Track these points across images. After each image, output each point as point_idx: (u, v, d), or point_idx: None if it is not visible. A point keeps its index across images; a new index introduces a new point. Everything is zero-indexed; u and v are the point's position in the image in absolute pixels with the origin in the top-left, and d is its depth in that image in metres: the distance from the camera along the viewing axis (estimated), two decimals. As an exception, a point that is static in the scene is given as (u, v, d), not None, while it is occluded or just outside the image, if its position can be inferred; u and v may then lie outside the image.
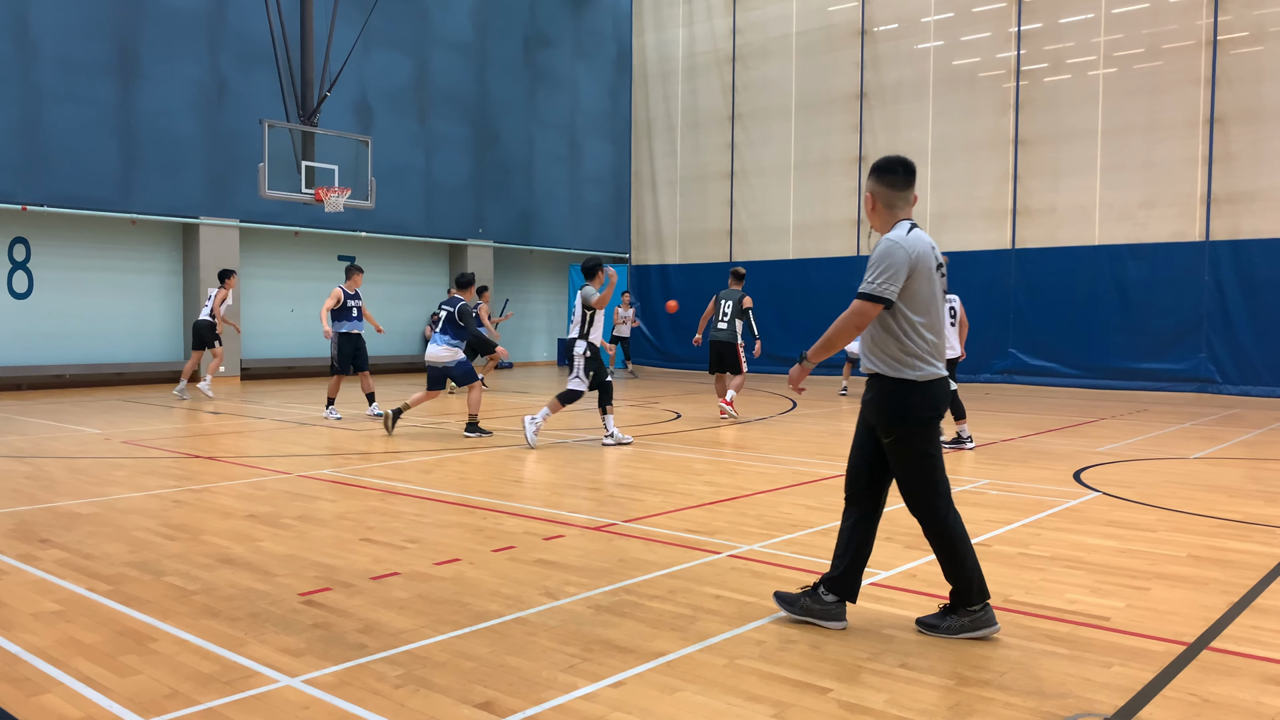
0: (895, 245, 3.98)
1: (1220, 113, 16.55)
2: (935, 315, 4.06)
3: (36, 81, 17.01)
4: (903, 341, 4.00)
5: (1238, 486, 7.76)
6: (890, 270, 3.94)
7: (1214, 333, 16.74)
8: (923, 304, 4.02)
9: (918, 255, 3.99)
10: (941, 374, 4.06)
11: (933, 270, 4.07)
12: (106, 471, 8.23)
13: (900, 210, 4.15)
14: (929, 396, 4.01)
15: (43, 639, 3.95)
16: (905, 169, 4.14)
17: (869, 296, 3.95)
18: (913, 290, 3.99)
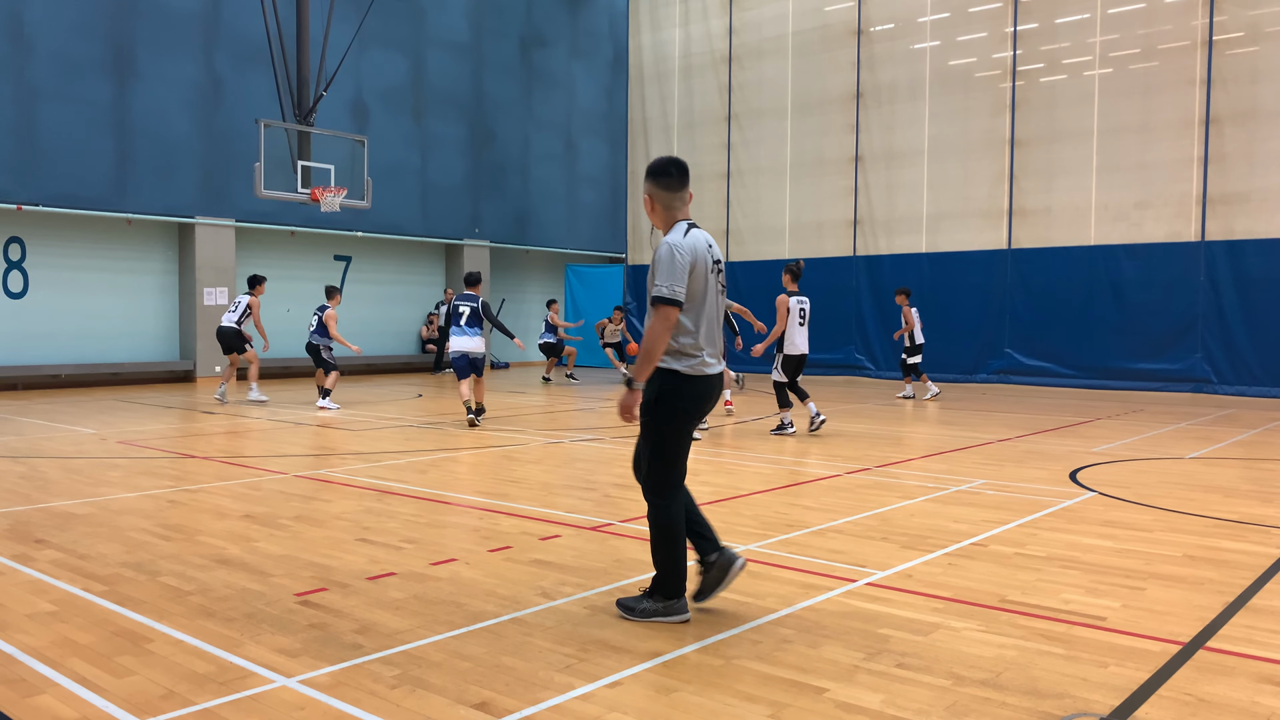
0: (674, 248, 4.13)
1: (1215, 113, 16.59)
2: (705, 313, 4.21)
3: (31, 80, 16.97)
4: (676, 336, 4.15)
5: (1233, 486, 7.77)
6: (676, 272, 4.08)
7: (1209, 333, 16.77)
8: (694, 303, 4.17)
9: (695, 255, 4.15)
10: (708, 372, 4.19)
11: (708, 269, 4.22)
12: (102, 472, 8.22)
13: (678, 210, 4.31)
14: (689, 390, 4.15)
15: (38, 639, 3.94)
16: (679, 170, 4.30)
17: (665, 300, 4.06)
18: (689, 290, 4.13)
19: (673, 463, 4.20)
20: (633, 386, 4.15)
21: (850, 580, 4.85)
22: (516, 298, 27.15)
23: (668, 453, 4.19)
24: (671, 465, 4.20)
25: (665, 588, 4.20)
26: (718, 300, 4.29)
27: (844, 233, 21.09)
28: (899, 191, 20.21)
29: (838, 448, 10.00)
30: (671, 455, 4.19)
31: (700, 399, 4.20)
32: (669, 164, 4.29)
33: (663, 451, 4.18)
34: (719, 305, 4.31)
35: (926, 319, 20.04)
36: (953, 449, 9.85)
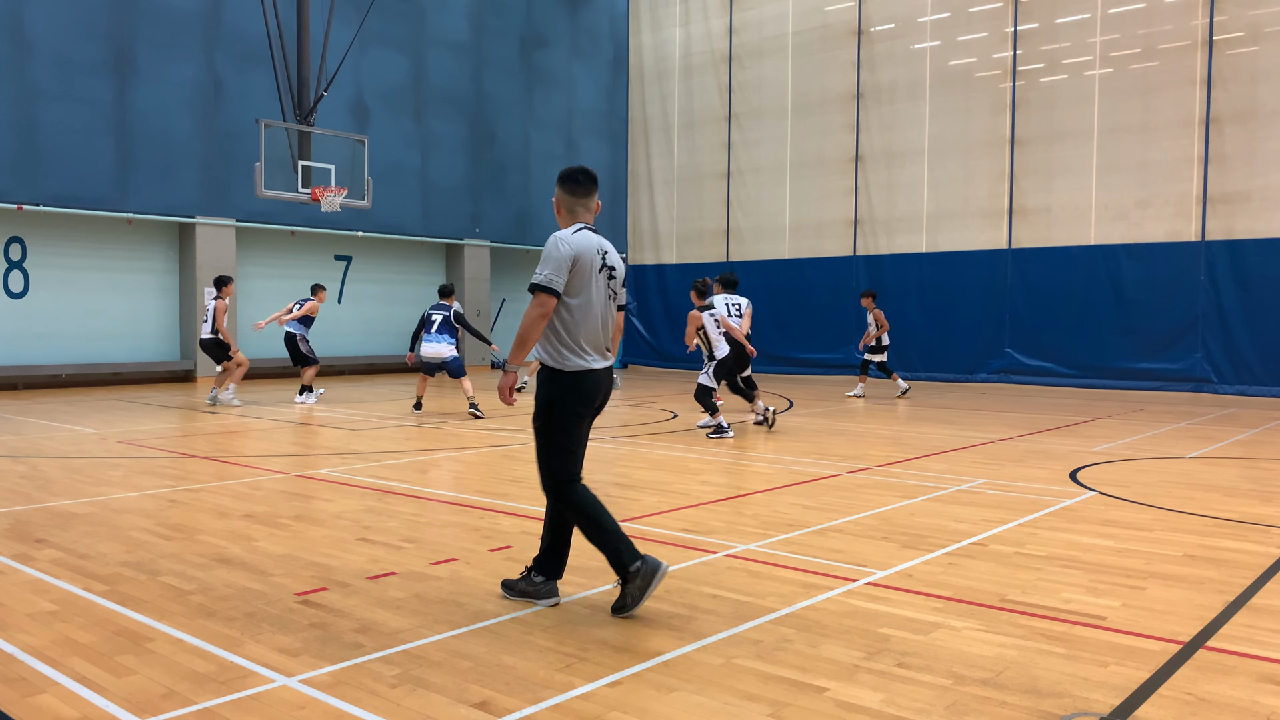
0: (559, 241, 4.28)
1: (1216, 113, 16.59)
2: (590, 312, 4.30)
3: (32, 81, 16.98)
4: (557, 332, 4.28)
5: (1233, 486, 7.77)
6: (554, 264, 4.21)
7: (1209, 332, 16.77)
8: (579, 300, 4.28)
9: (578, 252, 4.26)
10: (591, 367, 4.30)
11: (593, 270, 4.31)
12: (102, 471, 8.22)
13: (580, 215, 4.46)
14: (572, 387, 4.27)
15: (38, 639, 3.94)
16: (587, 177, 4.47)
17: (540, 288, 4.19)
18: (571, 285, 4.25)
19: (567, 456, 4.31)
20: (505, 369, 4.33)
21: (851, 580, 4.85)
22: (516, 298, 27.15)
23: (559, 448, 4.30)
24: (566, 459, 4.31)
25: (548, 567, 4.40)
26: (606, 303, 4.40)
27: (844, 232, 21.09)
28: (899, 191, 20.21)
29: (838, 447, 10.00)
30: (565, 450, 4.30)
31: (586, 395, 4.31)
32: (578, 172, 4.48)
33: (554, 447, 4.30)
34: (608, 308, 4.41)
35: (927, 319, 20.05)
36: (953, 448, 9.85)
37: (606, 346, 4.45)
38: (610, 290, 4.44)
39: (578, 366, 4.28)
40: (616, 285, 4.48)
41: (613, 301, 4.47)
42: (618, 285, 4.50)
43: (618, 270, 4.50)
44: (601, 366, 4.37)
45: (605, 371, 4.40)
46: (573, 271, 4.24)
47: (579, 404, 4.30)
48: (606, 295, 4.40)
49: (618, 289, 4.50)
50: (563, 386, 4.28)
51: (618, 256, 4.54)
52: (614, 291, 4.46)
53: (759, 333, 20.31)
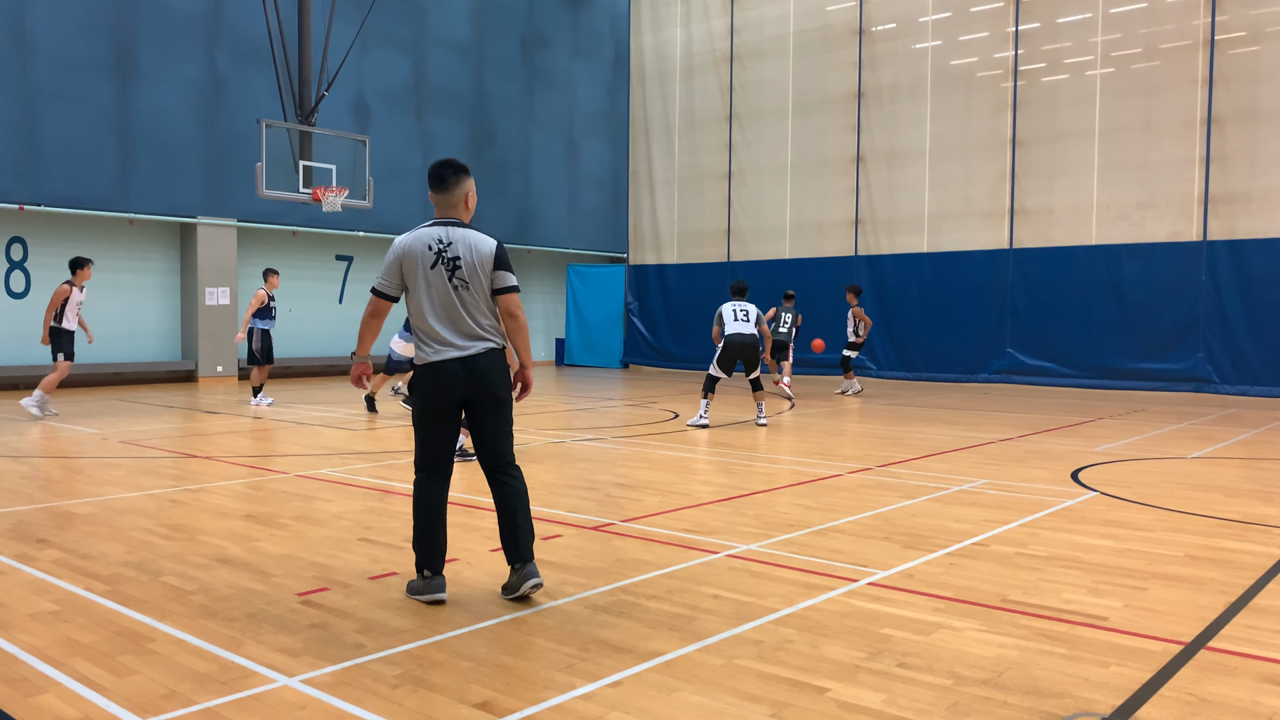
0: (392, 245, 4.54)
1: (1217, 113, 16.58)
2: (429, 304, 4.42)
3: (33, 81, 16.98)
4: (413, 327, 4.52)
5: (1235, 486, 7.77)
6: (385, 267, 4.51)
7: (1211, 333, 16.76)
8: (413, 296, 4.47)
9: (403, 250, 4.47)
10: (436, 358, 4.41)
11: (423, 265, 4.43)
12: (103, 471, 8.22)
13: (442, 210, 4.61)
14: (423, 377, 4.46)
15: (40, 639, 3.95)
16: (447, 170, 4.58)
17: (372, 290, 4.53)
18: (406, 284, 4.49)
19: (420, 444, 4.52)
20: (354, 359, 4.68)
21: (852, 580, 4.85)
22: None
23: (418, 435, 4.52)
24: (423, 445, 4.51)
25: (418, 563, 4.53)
26: (450, 294, 4.43)
27: (845, 233, 21.08)
28: (900, 191, 20.21)
29: (839, 447, 9.99)
30: (419, 437, 4.52)
31: (436, 384, 4.42)
32: (439, 165, 4.61)
33: (416, 434, 4.54)
34: (456, 298, 4.43)
35: (928, 319, 20.05)
36: (954, 449, 9.84)
37: (473, 334, 4.44)
38: (457, 280, 4.41)
39: (424, 359, 4.44)
40: (466, 274, 4.42)
41: (464, 290, 4.42)
42: (467, 273, 4.42)
43: (465, 258, 4.43)
44: (454, 356, 4.40)
45: (460, 361, 4.40)
46: (402, 270, 4.45)
47: (428, 394, 4.44)
48: (450, 286, 4.41)
49: (469, 276, 4.42)
50: (417, 377, 4.49)
51: (471, 243, 4.46)
52: (464, 280, 4.41)
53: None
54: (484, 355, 4.45)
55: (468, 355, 4.42)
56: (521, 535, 4.46)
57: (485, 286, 4.48)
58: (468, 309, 4.44)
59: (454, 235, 4.48)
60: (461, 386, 4.42)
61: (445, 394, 4.42)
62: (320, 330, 21.95)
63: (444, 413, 4.47)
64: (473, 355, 4.42)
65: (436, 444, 4.50)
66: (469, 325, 4.44)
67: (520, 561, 4.45)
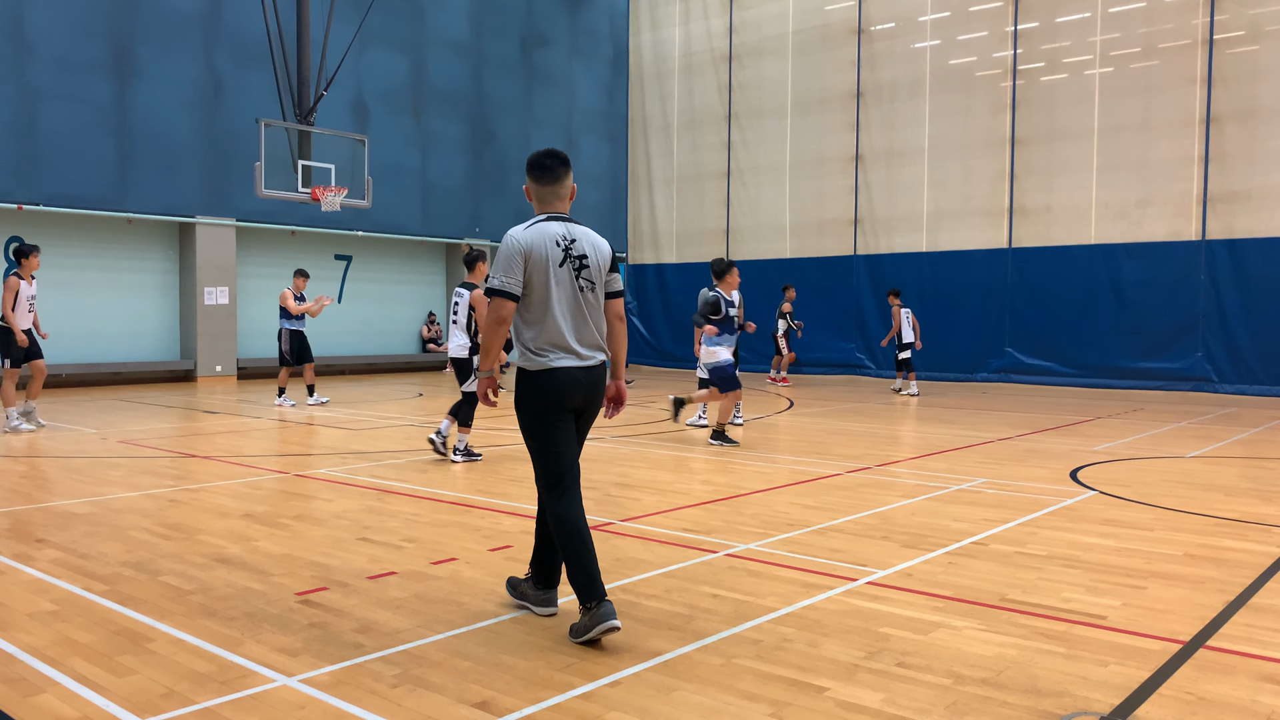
0: (509, 238, 4.07)
1: (1216, 112, 16.58)
2: (552, 307, 4.03)
3: (32, 80, 16.97)
4: (520, 330, 4.12)
5: (1234, 485, 7.77)
6: (505, 264, 4.03)
7: (1210, 332, 16.77)
8: (536, 296, 4.04)
9: (530, 246, 4.02)
10: (557, 365, 4.03)
11: (551, 263, 4.03)
12: (102, 471, 8.22)
13: (549, 203, 4.20)
14: (540, 386, 4.04)
15: (39, 639, 3.94)
16: (555, 161, 4.19)
17: (495, 292, 4.02)
18: (528, 282, 4.04)
19: (549, 459, 4.07)
20: (477, 374, 4.32)
21: (851, 579, 4.85)
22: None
23: (541, 450, 4.09)
24: (548, 462, 4.08)
25: (541, 576, 4.27)
26: (575, 295, 4.09)
27: (844, 231, 21.09)
28: (899, 190, 20.21)
29: (838, 447, 9.99)
30: (545, 452, 4.08)
31: (556, 393, 4.04)
32: (545, 156, 4.20)
33: (535, 449, 4.11)
34: (579, 301, 4.10)
35: (927, 318, 20.04)
36: (953, 448, 9.85)
37: (594, 343, 4.15)
38: (584, 281, 4.10)
39: (542, 365, 4.03)
40: (593, 274, 4.13)
41: (590, 292, 4.12)
42: (594, 274, 4.14)
43: (591, 257, 4.13)
44: (575, 364, 4.05)
45: (581, 370, 4.07)
46: (528, 267, 4.01)
47: (547, 404, 4.05)
48: (575, 287, 4.09)
49: (595, 277, 4.14)
50: (532, 387, 4.06)
51: (593, 242, 4.19)
52: (589, 282, 4.12)
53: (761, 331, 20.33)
54: (599, 367, 4.17)
55: (587, 365, 4.10)
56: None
57: (603, 290, 4.20)
58: (579, 314, 4.10)
59: (576, 231, 4.16)
60: (579, 395, 4.09)
61: (561, 402, 4.06)
62: (320, 330, 21.89)
63: (562, 420, 4.08)
64: (589, 366, 4.11)
65: (562, 451, 4.08)
66: (593, 334, 4.15)
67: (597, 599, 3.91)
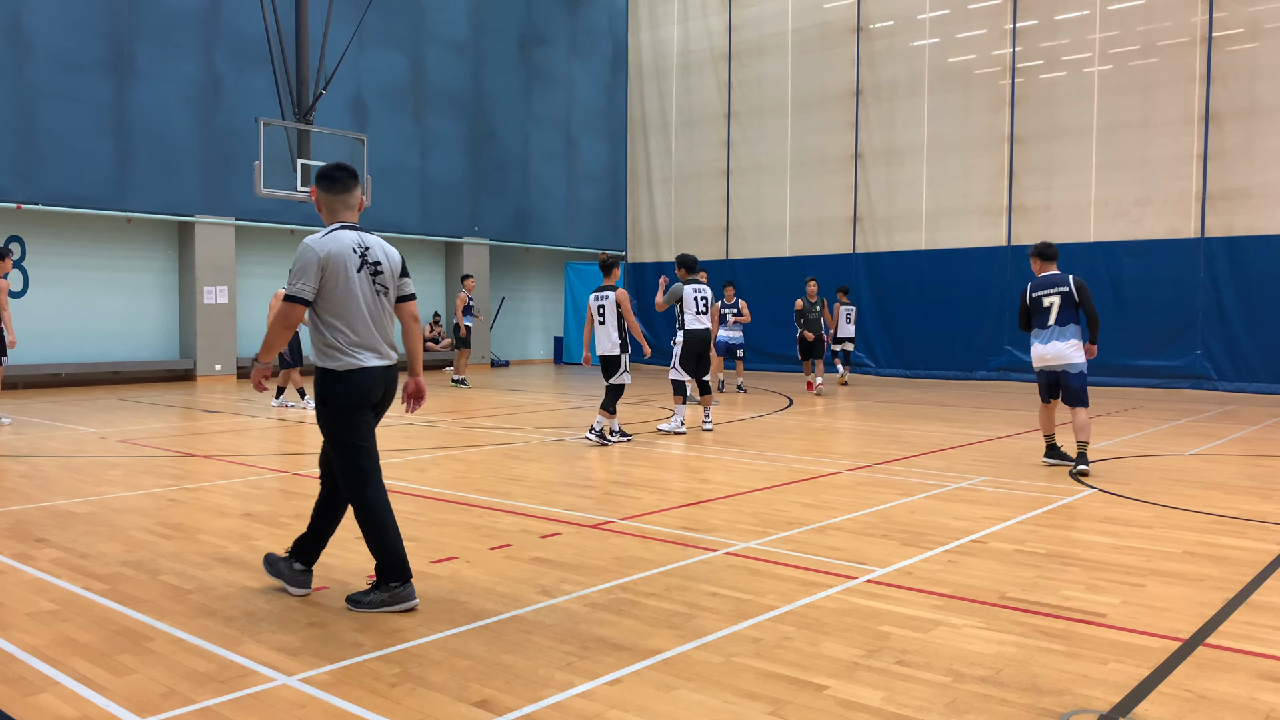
0: (307, 247, 4.31)
1: (1215, 109, 16.58)
2: (351, 311, 4.33)
3: (31, 79, 16.97)
4: (323, 334, 4.35)
5: (1233, 483, 7.77)
6: (301, 271, 4.28)
7: (1209, 329, 16.77)
8: (338, 301, 4.32)
9: (328, 255, 4.29)
10: (364, 365, 4.34)
11: (347, 269, 4.32)
12: (102, 470, 8.22)
13: (339, 213, 4.49)
14: (345, 386, 4.33)
15: (38, 638, 3.94)
16: (346, 174, 4.50)
17: (290, 298, 4.29)
18: (327, 288, 4.31)
19: (358, 454, 4.38)
20: (255, 364, 4.52)
21: (850, 577, 4.86)
22: (516, 296, 27.14)
23: (347, 448, 4.37)
24: (357, 456, 4.38)
25: (386, 576, 4.35)
26: (375, 300, 4.42)
27: (844, 230, 21.08)
28: (899, 188, 20.21)
29: (837, 445, 9.99)
30: (351, 449, 4.37)
31: (361, 391, 4.36)
32: (335, 168, 4.50)
33: (342, 447, 4.38)
34: (378, 305, 4.43)
35: (926, 316, 20.05)
36: (952, 446, 9.85)
37: (390, 342, 4.50)
38: (379, 286, 4.44)
39: (349, 365, 4.33)
40: (386, 280, 4.48)
41: (384, 297, 4.47)
42: (388, 279, 4.48)
43: (384, 264, 4.47)
44: (376, 364, 4.39)
45: (381, 370, 4.42)
46: (325, 275, 4.29)
47: (354, 402, 4.35)
48: (374, 292, 4.41)
49: (388, 283, 4.48)
50: (336, 385, 4.34)
51: (385, 250, 4.53)
52: (383, 287, 4.46)
53: (759, 329, 20.31)
54: (395, 366, 4.54)
55: (386, 365, 4.46)
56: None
57: (395, 294, 4.55)
58: (376, 318, 4.45)
59: (370, 240, 4.49)
60: (378, 394, 4.45)
61: (365, 400, 4.40)
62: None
63: (364, 416, 4.42)
64: (388, 365, 4.48)
65: (367, 445, 4.42)
66: (388, 335, 4.51)
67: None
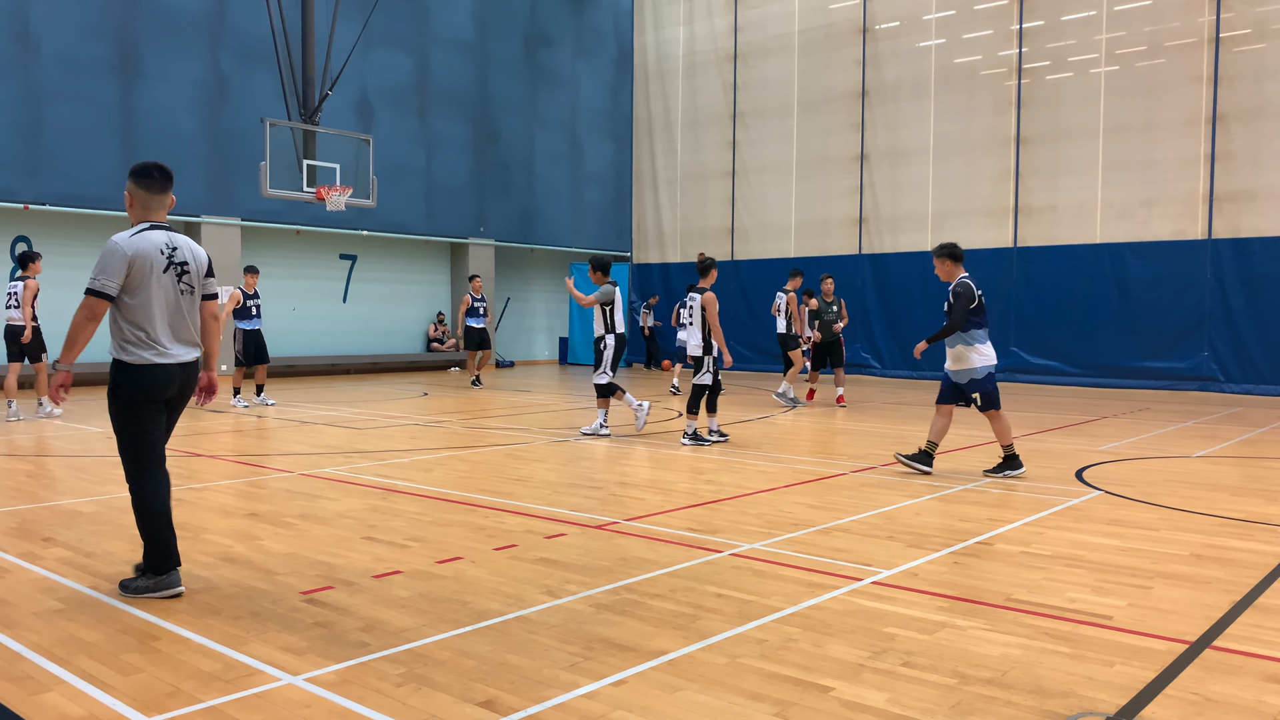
0: (114, 244, 4.44)
1: (1222, 110, 16.54)
2: (150, 309, 4.47)
3: (38, 80, 17.01)
4: (121, 328, 4.48)
5: (1240, 485, 7.75)
6: (107, 268, 4.41)
7: (1216, 331, 16.73)
8: (140, 299, 4.46)
9: (135, 253, 4.44)
10: (159, 361, 4.48)
11: (154, 269, 4.47)
12: (108, 470, 8.23)
13: (151, 213, 4.61)
14: (137, 380, 4.48)
15: (45, 637, 3.95)
16: (162, 174, 4.60)
17: (92, 292, 4.41)
18: (131, 286, 4.44)
19: (141, 446, 4.54)
20: (56, 368, 4.57)
21: (855, 579, 4.85)
22: (521, 296, 27.16)
23: (130, 437, 4.53)
24: (139, 447, 4.53)
25: (151, 563, 4.49)
26: (177, 299, 4.55)
27: (849, 231, 21.06)
28: (904, 190, 20.19)
29: (842, 446, 9.98)
30: (134, 439, 4.53)
31: (152, 386, 4.50)
32: (153, 167, 4.58)
33: (126, 436, 4.53)
34: (182, 303, 4.57)
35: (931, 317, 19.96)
36: (958, 447, 9.83)
37: (190, 340, 4.62)
38: (184, 285, 4.58)
39: (141, 360, 4.46)
40: (193, 279, 4.62)
41: (189, 296, 4.61)
42: (194, 279, 4.63)
43: (191, 264, 4.62)
44: (172, 361, 4.52)
45: (178, 366, 4.55)
46: (130, 273, 4.41)
47: (142, 396, 4.49)
48: (178, 291, 4.56)
49: (194, 283, 4.63)
50: (126, 378, 4.48)
51: (192, 250, 4.67)
52: (189, 286, 4.60)
53: (765, 331, 20.30)
54: (193, 363, 4.67)
55: (184, 361, 4.59)
56: None
57: (199, 294, 4.68)
58: (178, 315, 4.57)
59: (179, 240, 4.62)
60: (173, 389, 4.59)
61: (158, 395, 4.54)
62: (324, 329, 21.98)
63: (155, 410, 4.56)
64: (185, 362, 4.60)
65: (152, 437, 4.57)
66: (189, 332, 4.63)
67: None
